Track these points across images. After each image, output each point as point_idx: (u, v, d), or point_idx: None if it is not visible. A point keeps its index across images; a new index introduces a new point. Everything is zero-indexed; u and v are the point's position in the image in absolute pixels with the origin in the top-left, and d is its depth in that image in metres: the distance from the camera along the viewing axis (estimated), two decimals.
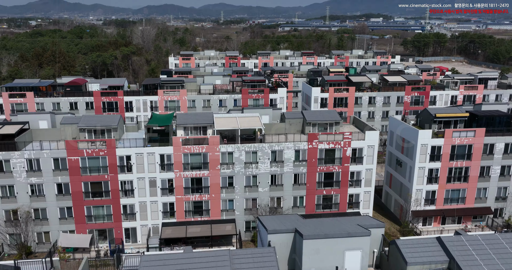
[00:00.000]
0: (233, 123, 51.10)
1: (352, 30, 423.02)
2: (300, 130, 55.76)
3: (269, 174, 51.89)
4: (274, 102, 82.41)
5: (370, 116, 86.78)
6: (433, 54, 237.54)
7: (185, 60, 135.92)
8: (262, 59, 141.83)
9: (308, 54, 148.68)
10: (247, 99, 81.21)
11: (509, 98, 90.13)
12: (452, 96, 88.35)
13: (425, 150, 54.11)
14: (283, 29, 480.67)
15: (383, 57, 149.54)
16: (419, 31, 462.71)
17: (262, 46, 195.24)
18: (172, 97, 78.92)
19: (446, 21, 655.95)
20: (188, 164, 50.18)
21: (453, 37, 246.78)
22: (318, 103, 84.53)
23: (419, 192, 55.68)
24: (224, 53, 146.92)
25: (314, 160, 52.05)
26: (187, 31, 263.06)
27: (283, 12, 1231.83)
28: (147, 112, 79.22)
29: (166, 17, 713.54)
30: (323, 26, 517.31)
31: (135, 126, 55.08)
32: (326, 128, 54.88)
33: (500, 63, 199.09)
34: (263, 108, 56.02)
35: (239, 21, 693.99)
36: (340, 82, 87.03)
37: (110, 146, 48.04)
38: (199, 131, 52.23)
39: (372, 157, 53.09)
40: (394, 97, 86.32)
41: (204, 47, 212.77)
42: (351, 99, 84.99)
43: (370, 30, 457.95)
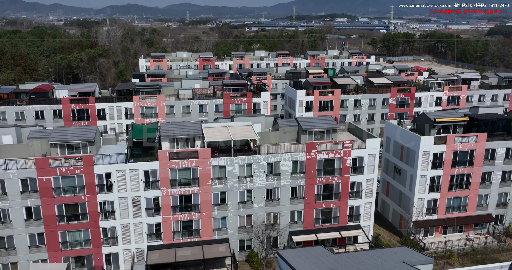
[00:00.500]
0: (225, 133, 46.45)
1: (319, 30, 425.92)
2: (295, 139, 51.70)
3: (264, 188, 47.56)
4: (257, 107, 78.18)
5: (356, 119, 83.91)
6: (402, 53, 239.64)
7: (157, 62, 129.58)
8: (237, 60, 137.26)
9: (284, 55, 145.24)
10: (229, 104, 76.58)
11: (491, 98, 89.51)
12: (437, 97, 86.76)
13: (427, 157, 51.21)
14: (250, 29, 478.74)
15: (358, 58, 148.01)
16: (384, 30, 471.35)
17: (235, 46, 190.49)
18: (148, 103, 73.27)
19: (408, 21, 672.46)
20: (176, 180, 45.16)
21: (421, 36, 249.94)
22: (303, 107, 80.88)
23: (420, 201, 52.75)
24: (197, 55, 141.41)
25: (313, 171, 48.12)
26: (155, 31, 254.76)
27: (249, 12, 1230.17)
28: (122, 120, 73.38)
29: (130, 17, 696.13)
30: (290, 26, 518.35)
31: (113, 138, 49.45)
32: (322, 136, 51.05)
33: (468, 62, 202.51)
34: (255, 115, 51.55)
35: (205, 21, 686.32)
36: (325, 84, 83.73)
37: (87, 163, 42.40)
38: (186, 143, 47.29)
39: (373, 167, 49.69)
40: (380, 99, 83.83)
41: (174, 48, 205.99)
42: (336, 102, 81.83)
43: (336, 30, 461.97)
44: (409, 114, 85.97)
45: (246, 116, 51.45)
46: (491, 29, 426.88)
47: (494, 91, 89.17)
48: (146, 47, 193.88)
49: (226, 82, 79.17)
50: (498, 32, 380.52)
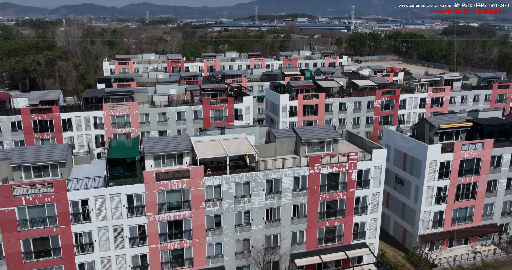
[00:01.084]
0: (218, 148, 40.94)
1: (282, 30, 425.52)
2: (292, 151, 46.83)
3: (264, 208, 42.39)
4: (239, 113, 72.86)
5: (341, 123, 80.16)
6: (369, 53, 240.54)
7: (122, 65, 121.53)
8: (208, 62, 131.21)
9: (256, 56, 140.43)
10: (208, 111, 70.83)
11: (473, 99, 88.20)
12: (421, 99, 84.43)
13: (434, 167, 47.66)
14: (213, 29, 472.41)
15: (331, 58, 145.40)
16: (345, 30, 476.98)
17: (202, 47, 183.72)
18: (120, 112, 66.39)
19: (367, 20, 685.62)
20: (165, 204, 39.22)
21: (386, 36, 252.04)
22: (287, 112, 76.29)
23: (426, 214, 49.19)
24: (165, 56, 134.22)
25: (316, 187, 43.41)
26: (116, 32, 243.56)
27: (209, 12, 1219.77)
28: (90, 131, 66.16)
29: (86, 17, 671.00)
30: (252, 26, 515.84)
31: (87, 156, 42.80)
32: (322, 147, 46.48)
33: (434, 61, 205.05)
34: (248, 126, 46.28)
35: (165, 21, 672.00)
36: (308, 87, 79.48)
37: (59, 189, 35.79)
38: (174, 160, 41.43)
39: (379, 179, 45.58)
40: (365, 102, 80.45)
41: (137, 50, 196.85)
42: (321, 106, 77.72)
43: (299, 30, 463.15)
44: (394, 117, 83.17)
45: (238, 127, 46.02)
46: (445, 28, 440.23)
47: (476, 92, 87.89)
48: (108, 49, 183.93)
49: (205, 87, 73.35)
50: (452, 31, 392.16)
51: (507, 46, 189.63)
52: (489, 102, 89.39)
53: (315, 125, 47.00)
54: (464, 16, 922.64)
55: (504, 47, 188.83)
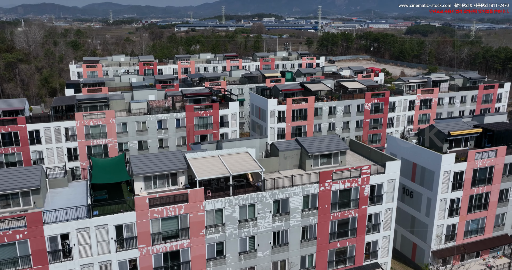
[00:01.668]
0: (219, 166, 35.78)
1: (250, 30, 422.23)
2: (297, 165, 42.24)
3: (271, 231, 37.58)
4: (225, 119, 67.71)
5: (330, 128, 76.30)
6: (341, 53, 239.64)
7: (90, 67, 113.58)
8: (182, 64, 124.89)
9: (232, 57, 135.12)
10: (192, 118, 65.32)
11: (460, 100, 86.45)
12: (410, 101, 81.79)
13: (447, 178, 44.20)
14: (179, 29, 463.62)
15: (308, 59, 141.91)
16: (312, 30, 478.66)
17: (174, 48, 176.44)
18: (95, 121, 59.91)
19: (332, 20, 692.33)
20: (159, 234, 33.76)
21: (357, 36, 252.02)
22: (275, 117, 71.71)
23: (439, 228, 45.72)
24: (136, 58, 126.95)
25: (327, 205, 38.98)
26: (80, 32, 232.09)
27: (174, 12, 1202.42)
28: (61, 143, 59.40)
29: (46, 17, 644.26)
30: (220, 26, 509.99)
31: (64, 179, 36.66)
32: (329, 160, 42.14)
33: (406, 61, 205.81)
34: (247, 139, 41.17)
35: (130, 21, 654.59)
36: (295, 91, 75.18)
37: (33, 223, 29.76)
38: (167, 180, 36.01)
39: (393, 194, 41.66)
40: (355, 105, 76.93)
41: (104, 51, 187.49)
42: (310, 111, 73.59)
43: (267, 30, 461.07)
44: (383, 120, 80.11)
45: (236, 140, 40.94)
46: (408, 28, 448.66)
47: (463, 93, 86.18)
48: (72, 50, 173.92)
49: (187, 92, 67.76)
50: (416, 31, 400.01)
51: (476, 46, 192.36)
52: (476, 103, 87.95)
53: (320, 135, 42.69)
54: (424, 16, 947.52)
55: (473, 46, 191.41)
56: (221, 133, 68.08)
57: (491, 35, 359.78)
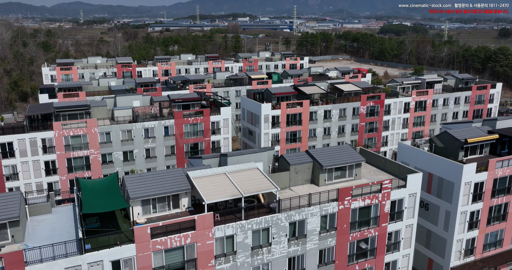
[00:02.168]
0: (228, 186, 31.35)
1: (226, 30, 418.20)
2: (309, 179, 38.18)
3: (286, 257, 33.39)
4: (216, 126, 63.13)
5: (326, 132, 72.74)
6: (320, 53, 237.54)
7: (65, 70, 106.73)
8: (162, 65, 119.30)
9: (214, 58, 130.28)
10: (182, 125, 60.49)
11: (454, 101, 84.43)
12: (405, 103, 79.12)
13: (468, 189, 41.04)
14: (153, 29, 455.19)
15: (291, 59, 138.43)
16: (287, 29, 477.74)
17: (151, 49, 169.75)
18: (75, 131, 54.36)
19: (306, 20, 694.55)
20: (163, 268, 29.10)
21: (337, 36, 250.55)
22: (269, 123, 67.58)
23: (459, 242, 42.57)
24: (113, 60, 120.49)
25: (346, 225, 35.10)
26: (50, 33, 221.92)
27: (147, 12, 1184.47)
28: (38, 156, 53.69)
29: (13, 17, 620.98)
30: (194, 25, 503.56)
31: (47, 204, 31.49)
32: (344, 173, 38.31)
33: (386, 61, 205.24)
34: (254, 151, 36.77)
35: (101, 21, 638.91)
36: (289, 94, 71.25)
37: (13, 265, 24.66)
38: (168, 203, 31.38)
39: (413, 209, 38.16)
40: (350, 108, 73.57)
41: (77, 52, 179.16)
42: (305, 115, 69.80)
43: (242, 29, 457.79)
44: (379, 124, 77.10)
45: (242, 153, 36.50)
46: (382, 27, 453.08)
47: (457, 94, 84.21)
48: (43, 52, 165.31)
49: (175, 97, 62.84)
50: (389, 30, 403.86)
51: (455, 45, 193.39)
52: (469, 104, 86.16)
53: (333, 146, 38.82)
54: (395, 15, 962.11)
55: (452, 46, 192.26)
56: (213, 141, 63.52)
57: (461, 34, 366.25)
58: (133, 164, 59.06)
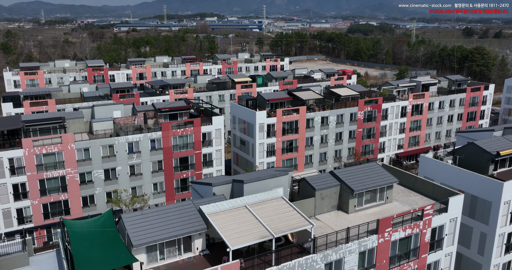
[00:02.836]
0: (254, 225, 25.49)
1: (195, 30, 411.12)
2: (335, 206, 32.80)
3: None
4: (207, 138, 56.96)
5: (323, 140, 67.80)
6: (295, 53, 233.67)
7: (30, 75, 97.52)
8: (136, 68, 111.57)
9: (191, 60, 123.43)
10: (170, 138, 54.02)
11: (450, 104, 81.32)
12: (402, 107, 75.25)
13: (507, 209, 36.74)
14: (119, 29, 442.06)
15: (272, 60, 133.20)
16: (257, 29, 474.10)
17: (122, 50, 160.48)
18: (49, 148, 47.07)
19: (274, 20, 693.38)
20: None
21: (311, 36, 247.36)
22: (264, 132, 61.96)
23: (495, 268, 38.26)
24: (83, 63, 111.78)
25: (385, 261, 29.94)
26: (10, 33, 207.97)
27: (111, 11, 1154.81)
28: (4, 179, 46.11)
29: None
30: (162, 25, 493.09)
31: (23, 255, 24.70)
32: (374, 196, 33.17)
33: (362, 61, 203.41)
34: (271, 174, 30.98)
35: (64, 21, 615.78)
36: (283, 100, 65.82)
37: None
38: (178, 247, 25.26)
39: (453, 236, 33.44)
40: (348, 114, 68.92)
41: (41, 55, 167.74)
42: (302, 123, 64.59)
43: (211, 29, 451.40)
44: (376, 129, 72.87)
45: (260, 180, 30.59)
46: (350, 27, 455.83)
47: (452, 96, 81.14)
48: (3, 54, 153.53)
49: (162, 106, 56.20)
50: (356, 30, 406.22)
51: (431, 45, 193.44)
52: (463, 106, 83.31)
53: (359, 166, 33.66)
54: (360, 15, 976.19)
55: (428, 45, 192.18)
56: (204, 154, 57.34)
57: (426, 34, 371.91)
58: (116, 183, 52.18)
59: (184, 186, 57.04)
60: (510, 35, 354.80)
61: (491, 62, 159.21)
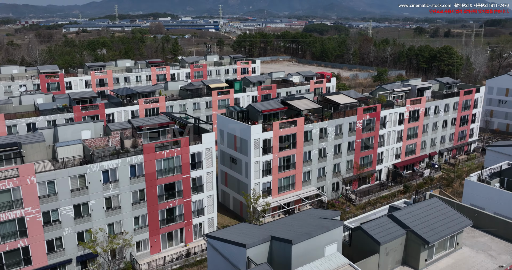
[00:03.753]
0: None
1: (149, 30, 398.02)
2: (400, 260, 25.31)
3: None
4: (197, 159, 48.17)
5: (321, 154, 60.57)
6: (259, 54, 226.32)
7: None
8: (96, 74, 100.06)
9: (157, 64, 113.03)
10: (153, 162, 44.84)
11: (444, 109, 76.61)
12: (400, 114, 69.48)
13: None
14: (68, 30, 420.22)
15: (243, 63, 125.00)
16: (213, 29, 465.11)
17: (77, 54, 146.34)
18: (2, 184, 36.75)
19: (229, 20, 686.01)
20: None
21: (274, 36, 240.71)
22: (260, 149, 53.82)
23: None
24: (34, 69, 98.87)
25: None
26: None
27: (57, 11, 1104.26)
28: None
29: None
30: (114, 26, 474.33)
31: None
32: (443, 244, 26.01)
33: (329, 61, 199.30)
34: (326, 229, 23.11)
35: (6, 21, 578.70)
36: (276, 111, 57.90)
37: None
38: None
39: None
40: (346, 124, 62.13)
41: None
42: (300, 136, 57.02)
43: (166, 29, 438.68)
44: (374, 139, 66.61)
45: (311, 238, 22.51)
46: (305, 27, 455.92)
47: (446, 101, 76.47)
48: None
49: (140, 124, 46.72)
50: (312, 30, 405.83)
51: (397, 45, 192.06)
52: (457, 111, 78.96)
53: (419, 203, 26.51)
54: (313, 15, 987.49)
55: (394, 46, 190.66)
56: (193, 178, 48.50)
57: (379, 33, 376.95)
58: (89, 221, 42.40)
59: (171, 218, 47.96)
60: (457, 34, 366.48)
61: (458, 61, 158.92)
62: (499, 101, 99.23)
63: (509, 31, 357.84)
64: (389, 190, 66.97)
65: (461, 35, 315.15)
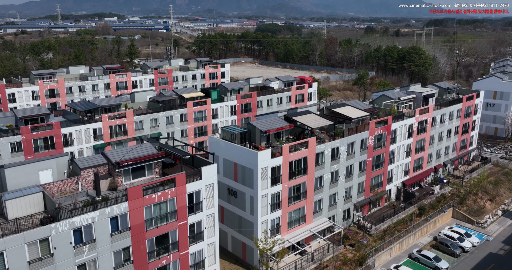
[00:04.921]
0: None
1: (95, 31, 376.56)
2: None
3: None
4: (196, 200, 37.11)
5: (333, 179, 51.09)
6: (220, 56, 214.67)
7: None
8: (45, 84, 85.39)
9: (115, 70, 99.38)
10: (142, 211, 33.41)
11: (449, 117, 69.68)
12: (409, 126, 61.48)
13: None
14: (4, 31, 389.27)
15: (211, 67, 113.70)
16: (163, 30, 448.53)
17: (19, 59, 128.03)
18: None
19: (179, 20, 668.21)
20: None
21: (234, 36, 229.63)
22: (268, 179, 43.41)
23: None
24: None
25: None
26: None
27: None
28: None
29: None
30: (56, 26, 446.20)
31: None
32: None
33: (294, 63, 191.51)
34: None
35: None
36: (281, 130, 47.68)
37: None
38: None
39: None
40: (358, 141, 53.06)
41: None
42: (311, 159, 47.17)
43: (113, 30, 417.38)
44: (385, 156, 58.09)
45: None
46: (257, 27, 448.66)
47: (451, 108, 69.61)
48: None
49: (119, 158, 34.92)
50: (264, 29, 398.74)
51: (364, 46, 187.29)
52: (460, 118, 72.41)
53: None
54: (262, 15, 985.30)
55: (361, 47, 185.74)
56: (191, 224, 37.43)
57: (330, 33, 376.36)
58: None
59: None
60: (406, 33, 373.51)
61: (428, 62, 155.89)
62: (486, 104, 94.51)
63: (453, 30, 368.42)
64: (404, 213, 58.83)
65: (411, 35, 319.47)
